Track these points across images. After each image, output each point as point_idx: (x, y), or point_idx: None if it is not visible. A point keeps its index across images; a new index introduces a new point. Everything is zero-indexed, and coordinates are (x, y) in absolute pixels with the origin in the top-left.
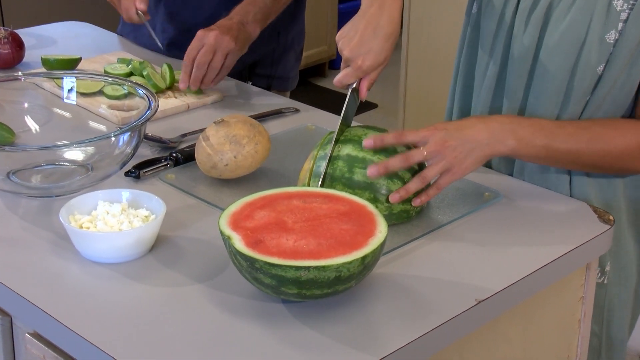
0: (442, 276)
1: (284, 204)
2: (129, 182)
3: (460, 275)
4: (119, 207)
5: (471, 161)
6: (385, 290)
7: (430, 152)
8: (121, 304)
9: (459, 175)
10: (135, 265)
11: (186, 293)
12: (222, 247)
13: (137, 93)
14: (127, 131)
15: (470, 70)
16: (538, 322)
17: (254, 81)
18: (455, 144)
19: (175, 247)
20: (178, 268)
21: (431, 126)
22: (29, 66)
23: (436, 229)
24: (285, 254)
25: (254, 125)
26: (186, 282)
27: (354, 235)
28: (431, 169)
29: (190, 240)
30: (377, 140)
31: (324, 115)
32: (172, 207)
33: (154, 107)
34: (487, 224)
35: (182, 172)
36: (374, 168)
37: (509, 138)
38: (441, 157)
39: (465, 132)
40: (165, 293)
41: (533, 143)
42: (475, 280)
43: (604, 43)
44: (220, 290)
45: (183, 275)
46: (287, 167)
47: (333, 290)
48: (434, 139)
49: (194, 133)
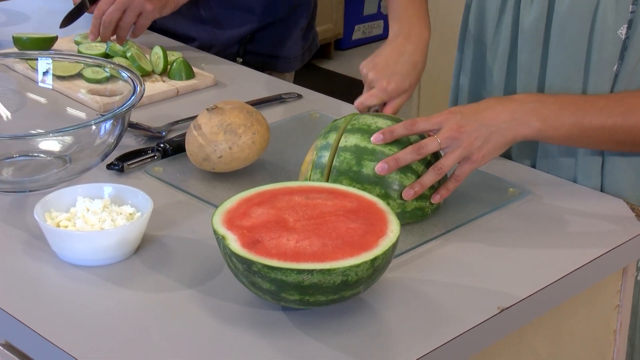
0: (461, 281)
1: (285, 200)
2: (111, 176)
3: (481, 280)
4: (100, 203)
5: (491, 147)
6: (397, 297)
7: (445, 138)
8: (103, 312)
9: (479, 163)
10: (118, 268)
11: (175, 299)
12: (216, 248)
13: (121, 76)
14: (109, 119)
15: (479, 48)
16: (568, 333)
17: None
18: (472, 129)
19: (164, 248)
20: (166, 271)
21: (445, 111)
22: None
23: (454, 229)
24: (285, 256)
25: (251, 113)
26: (175, 287)
27: (362, 235)
28: (447, 158)
29: (180, 241)
30: (387, 133)
31: (330, 102)
32: (160, 204)
33: (140, 92)
34: (511, 222)
35: (171, 165)
36: (383, 163)
37: (532, 119)
38: (457, 144)
39: (482, 115)
40: (152, 299)
41: (560, 122)
42: (498, 285)
43: (620, 1)
44: (213, 296)
45: (172, 280)
46: (288, 160)
47: (339, 296)
48: (448, 125)
49: (184, 121)
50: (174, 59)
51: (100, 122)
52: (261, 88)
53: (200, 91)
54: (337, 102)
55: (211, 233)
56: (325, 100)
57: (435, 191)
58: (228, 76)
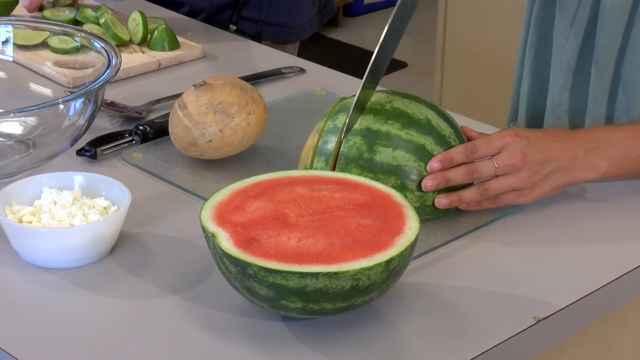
0: (491, 287)
1: (285, 192)
2: (82, 163)
3: (514, 286)
4: (69, 195)
5: (548, 186)
6: (416, 305)
7: (504, 165)
8: (72, 322)
9: (528, 201)
10: (90, 271)
11: (157, 308)
12: (204, 248)
13: (93, 46)
14: (79, 96)
15: (546, 32)
16: (616, 347)
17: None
18: (536, 161)
19: (143, 248)
20: (147, 275)
21: (508, 130)
22: None
23: (484, 226)
24: (286, 257)
25: (245, 90)
26: (157, 293)
27: (376, 232)
28: (499, 182)
29: (163, 239)
30: (445, 161)
31: (337, 77)
32: (139, 196)
33: (115, 65)
34: (550, 219)
35: (152, 151)
36: (431, 180)
37: (597, 159)
38: (515, 173)
39: (549, 147)
40: (129, 308)
41: (628, 160)
42: (533, 292)
43: None
44: (201, 304)
45: (153, 285)
46: (288, 145)
47: (349, 304)
48: (510, 150)
49: (168, 99)
50: (155, 27)
51: (70, 100)
52: (257, 61)
53: (186, 64)
54: (345, 77)
55: (199, 230)
56: (332, 75)
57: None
58: (219, 47)
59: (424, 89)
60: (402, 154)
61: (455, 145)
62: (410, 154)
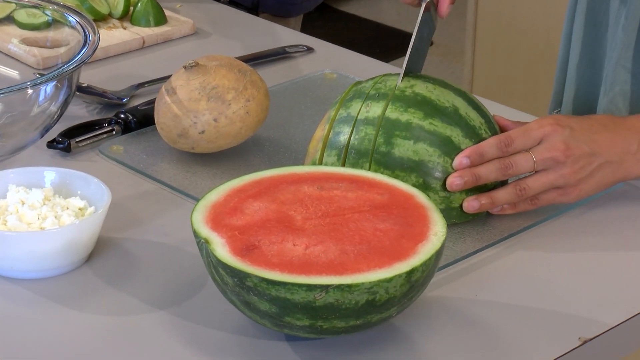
0: (529, 303)
1: (290, 191)
2: (54, 157)
3: (556, 301)
4: (40, 194)
5: (594, 183)
6: (442, 324)
7: (544, 159)
8: (42, 341)
9: (572, 200)
10: (64, 282)
11: (140, 325)
12: (196, 255)
13: (67, 21)
14: (51, 79)
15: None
16: None
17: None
18: (581, 154)
19: (125, 256)
20: (129, 287)
21: (548, 118)
22: None
23: (521, 232)
24: (291, 266)
25: (244, 72)
26: (141, 308)
27: (395, 238)
28: (537, 180)
29: (148, 245)
30: (474, 155)
31: (351, 57)
32: (121, 195)
33: (92, 42)
34: (598, 224)
35: (135, 143)
36: (457, 178)
37: None
38: (557, 169)
39: (595, 138)
40: (109, 325)
41: None
42: (579, 309)
43: None
44: (192, 320)
45: (136, 299)
46: (294, 136)
47: (364, 321)
48: (551, 142)
49: (153, 83)
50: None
51: (39, 84)
52: (258, 38)
53: (175, 42)
54: (360, 57)
55: (190, 235)
56: (345, 55)
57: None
58: (212, 21)
59: (452, 71)
60: (425, 147)
61: (486, 138)
62: (435, 148)
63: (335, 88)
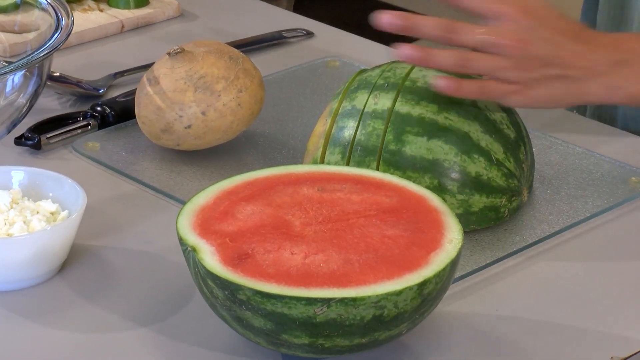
0: (555, 318)
1: (288, 193)
2: (22, 155)
3: (585, 317)
4: (7, 196)
5: (547, 94)
6: (458, 342)
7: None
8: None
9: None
10: (34, 295)
11: (119, 343)
12: (183, 265)
13: (37, 3)
14: (19, 68)
15: None
16: None
17: None
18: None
19: (102, 266)
20: (106, 301)
21: None
22: None
23: (545, 239)
24: (289, 278)
25: (235, 60)
26: (120, 324)
27: (405, 246)
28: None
29: (127, 254)
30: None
31: (355, 42)
32: (97, 198)
33: (66, 27)
34: (632, 230)
35: (114, 139)
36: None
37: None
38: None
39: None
40: (84, 342)
41: None
42: (610, 325)
43: None
44: (177, 338)
45: (115, 314)
46: (291, 131)
47: (370, 339)
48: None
49: (134, 72)
50: None
51: (6, 73)
52: (251, 21)
53: (158, 25)
54: (366, 42)
55: (175, 243)
56: (349, 40)
57: None
58: (200, 2)
59: None
60: (440, 145)
61: (508, 133)
62: (451, 145)
63: (338, 77)
